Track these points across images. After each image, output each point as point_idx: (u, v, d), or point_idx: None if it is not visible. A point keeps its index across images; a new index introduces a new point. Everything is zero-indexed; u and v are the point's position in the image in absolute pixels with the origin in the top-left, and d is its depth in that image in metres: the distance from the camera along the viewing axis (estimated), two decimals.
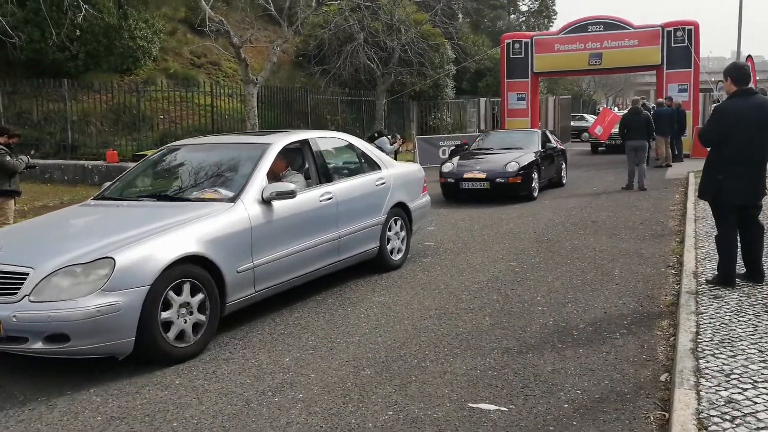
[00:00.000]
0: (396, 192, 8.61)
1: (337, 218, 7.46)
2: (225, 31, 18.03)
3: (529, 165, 14.47)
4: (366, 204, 8.04)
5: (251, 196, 6.49)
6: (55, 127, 18.46)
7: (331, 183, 7.63)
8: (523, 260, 8.83)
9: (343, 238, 7.54)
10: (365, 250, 8.03)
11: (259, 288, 6.38)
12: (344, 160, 8.60)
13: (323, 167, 7.71)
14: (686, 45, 23.17)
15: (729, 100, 6.76)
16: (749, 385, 4.35)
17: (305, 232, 6.99)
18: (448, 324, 6.28)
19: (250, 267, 6.20)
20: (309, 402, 4.65)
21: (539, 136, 16.44)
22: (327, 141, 8.25)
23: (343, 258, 7.63)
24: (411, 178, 9.24)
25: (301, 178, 7.49)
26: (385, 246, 8.39)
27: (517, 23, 53.87)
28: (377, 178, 8.41)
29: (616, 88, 70.02)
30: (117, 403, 4.77)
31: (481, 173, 14.34)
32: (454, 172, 14.62)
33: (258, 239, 6.33)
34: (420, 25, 26.73)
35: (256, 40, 22.49)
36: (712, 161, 6.74)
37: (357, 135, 26.42)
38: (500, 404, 4.52)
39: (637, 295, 7.07)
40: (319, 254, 7.20)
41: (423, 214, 9.50)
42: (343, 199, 7.59)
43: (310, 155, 7.66)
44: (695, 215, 10.94)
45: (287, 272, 6.74)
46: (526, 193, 14.33)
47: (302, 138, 7.78)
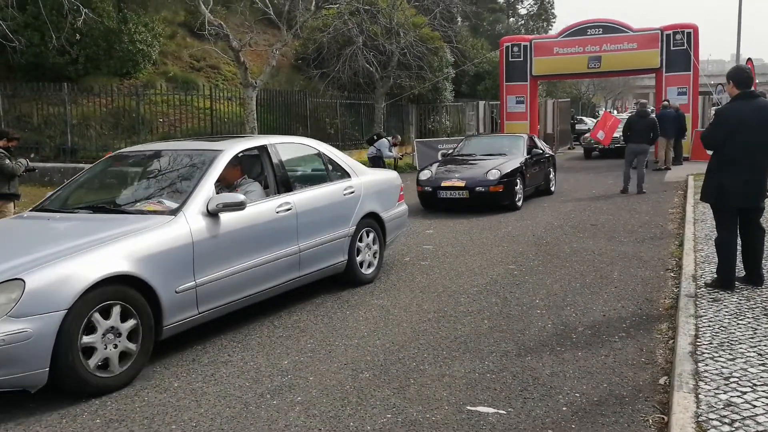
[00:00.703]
0: (367, 201, 8.09)
1: (297, 230, 6.94)
2: (224, 34, 18.04)
3: (512, 173, 13.67)
4: (332, 215, 7.51)
5: (195, 208, 5.94)
6: (55, 131, 18.46)
7: (291, 192, 7.07)
8: (521, 263, 8.83)
9: (305, 252, 7.00)
10: (331, 264, 7.51)
11: (204, 308, 5.83)
12: (308, 168, 8.09)
13: (283, 175, 7.14)
14: (685, 48, 23.19)
15: (731, 103, 6.78)
16: (748, 388, 4.34)
17: (259, 246, 6.45)
18: (447, 327, 6.28)
19: (191, 286, 5.66)
20: (307, 405, 4.65)
21: (525, 142, 15.50)
22: (289, 147, 7.66)
23: (304, 273, 7.08)
24: (385, 186, 8.72)
25: (258, 187, 7.02)
26: (355, 259, 7.85)
27: (516, 26, 53.91)
28: (346, 186, 7.87)
29: (616, 92, 70.10)
30: (115, 405, 4.76)
31: (460, 181, 13.44)
32: (432, 180, 13.76)
33: (201, 255, 5.79)
34: (419, 28, 26.74)
35: (255, 44, 22.52)
36: (714, 164, 6.75)
37: (356, 138, 26.78)
38: (498, 407, 4.52)
39: (636, 298, 7.07)
40: (276, 270, 6.65)
41: (399, 224, 8.96)
42: (304, 209, 7.07)
43: (268, 162, 7.12)
44: (694, 218, 10.94)
45: (238, 291, 6.19)
46: (509, 203, 13.54)
47: (260, 144, 7.26)
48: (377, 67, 24.98)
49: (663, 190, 16.08)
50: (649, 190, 15.61)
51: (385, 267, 8.88)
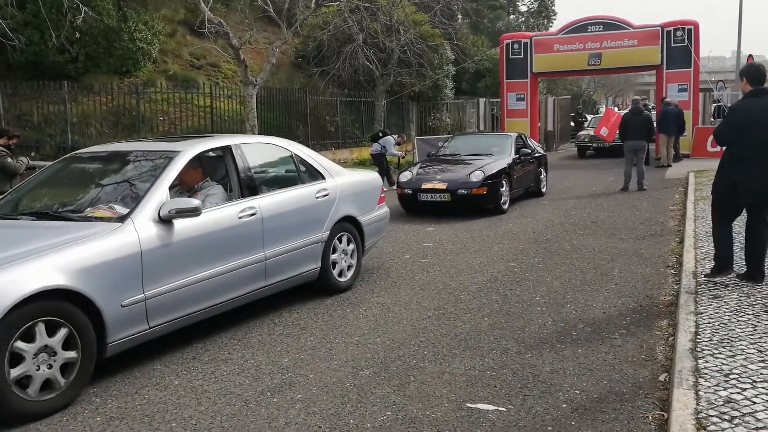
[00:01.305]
0: (343, 204, 7.65)
1: (263, 237, 6.50)
2: (224, 32, 18.04)
3: (496, 174, 12.96)
4: (302, 219, 7.07)
5: (146, 214, 5.50)
6: (56, 129, 18.44)
7: (256, 196, 6.61)
8: (522, 260, 8.83)
9: (272, 259, 6.57)
10: (302, 272, 7.07)
11: (156, 323, 5.43)
12: (278, 170, 7.55)
13: (248, 178, 6.68)
14: (686, 45, 23.15)
15: (743, 99, 6.83)
16: (748, 385, 4.34)
17: (218, 254, 6.01)
18: (447, 324, 6.29)
19: (139, 299, 5.24)
20: (308, 402, 4.66)
21: (512, 141, 14.76)
22: (256, 148, 7.21)
23: (272, 283, 6.66)
24: (363, 188, 8.24)
25: (220, 190, 6.57)
26: (329, 266, 7.42)
27: (517, 24, 53.90)
28: (319, 189, 7.42)
29: (616, 89, 70.03)
30: (116, 403, 4.77)
31: (441, 184, 12.73)
32: (412, 182, 13.05)
33: (151, 265, 5.36)
34: (419, 25, 26.73)
35: (255, 42, 22.47)
36: (726, 160, 6.80)
37: (356, 136, 26.77)
38: (498, 404, 4.52)
39: (637, 295, 7.07)
40: (239, 280, 6.22)
41: (378, 228, 8.49)
42: (270, 214, 6.62)
43: (232, 164, 6.65)
44: (695, 215, 10.94)
45: (195, 303, 5.77)
46: (493, 206, 12.85)
47: (223, 144, 6.79)
48: (377, 64, 24.98)
49: (663, 187, 16.08)
50: (649, 187, 15.61)
51: (385, 264, 8.89)
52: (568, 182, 17.81)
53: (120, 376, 5.28)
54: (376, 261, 9.09)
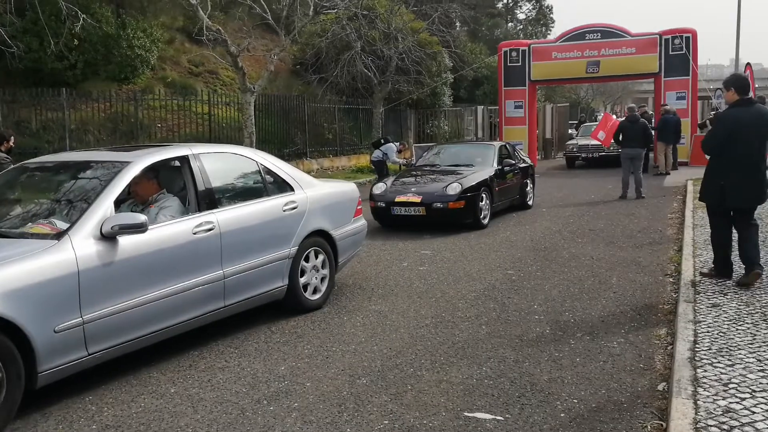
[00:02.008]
0: (313, 218, 7.21)
1: (222, 254, 6.07)
2: (222, 39, 18.05)
3: (476, 186, 12.20)
4: (267, 234, 6.62)
5: (86, 230, 5.08)
6: (54, 136, 18.40)
7: (215, 210, 6.17)
8: (520, 268, 8.81)
9: (231, 278, 6.14)
10: (267, 290, 6.64)
11: (97, 349, 5.02)
12: (241, 181, 7.01)
13: (206, 190, 6.22)
14: (684, 53, 23.19)
15: (730, 109, 7.13)
16: (747, 395, 4.33)
17: (170, 273, 5.59)
18: (445, 333, 6.26)
19: (76, 324, 4.82)
20: (304, 411, 4.63)
21: (496, 151, 13.93)
22: (217, 158, 6.73)
23: (232, 303, 6.23)
24: (337, 200, 7.80)
25: (176, 203, 6.18)
26: (298, 284, 6.96)
27: (515, 31, 53.94)
28: (287, 201, 6.98)
29: (615, 96, 70.06)
30: (112, 411, 4.75)
31: (416, 197, 11.93)
32: (386, 195, 12.24)
33: (90, 286, 4.94)
34: (417, 33, 26.75)
35: (253, 49, 22.45)
36: (713, 167, 7.10)
37: (354, 143, 26.78)
38: (496, 413, 4.50)
39: (635, 303, 7.06)
40: (193, 301, 5.79)
41: (354, 242, 8.05)
42: (230, 229, 6.19)
43: (189, 175, 6.22)
44: (693, 223, 10.93)
45: (141, 326, 5.35)
46: (472, 221, 12.13)
47: (180, 154, 6.32)
48: (375, 72, 24.98)
49: (662, 195, 16.08)
50: (648, 195, 15.61)
51: (383, 272, 8.86)
52: (567, 190, 17.81)
53: (116, 383, 5.25)
54: (374, 269, 9.07)
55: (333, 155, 25.55)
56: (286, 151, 22.93)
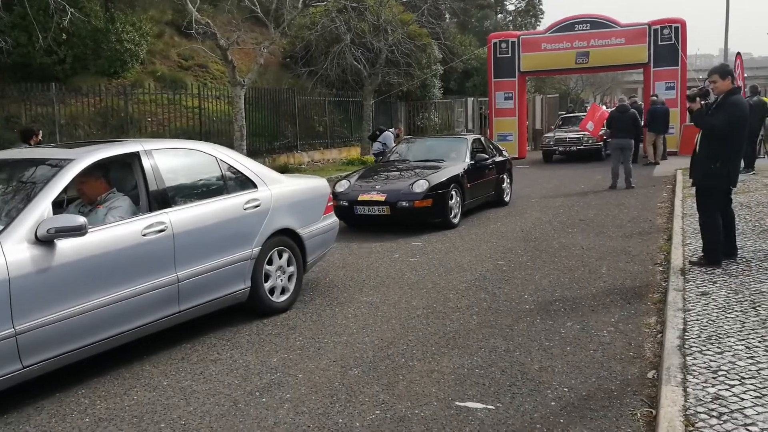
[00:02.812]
0: (278, 216, 6.85)
1: (175, 256, 5.71)
2: (212, 33, 17.99)
3: (445, 183, 11.45)
4: (226, 234, 6.25)
5: (19, 234, 4.73)
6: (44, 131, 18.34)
7: (168, 209, 5.81)
8: (510, 259, 8.84)
9: (186, 282, 5.78)
10: (227, 293, 6.29)
11: (33, 361, 4.69)
12: (197, 178, 6.56)
13: (159, 189, 5.86)
14: (673, 43, 23.26)
15: (737, 96, 7.30)
16: (736, 382, 4.36)
17: (116, 278, 5.24)
18: (436, 323, 6.29)
19: (8, 335, 4.50)
20: (296, 402, 4.65)
21: (468, 146, 13.11)
22: (172, 154, 6.32)
23: (188, 308, 5.88)
24: (304, 197, 7.40)
25: (126, 203, 5.81)
26: (262, 286, 6.62)
27: (504, 23, 53.92)
28: (249, 199, 6.60)
29: (604, 87, 70.11)
30: (105, 404, 4.75)
31: (380, 195, 11.18)
32: (348, 193, 11.50)
33: (24, 294, 4.60)
34: (407, 25, 26.73)
35: (243, 42, 22.38)
36: (724, 153, 7.24)
37: (345, 136, 26.76)
38: (487, 402, 4.52)
39: (625, 292, 7.09)
40: (144, 306, 5.45)
41: (325, 240, 7.68)
42: (184, 229, 5.82)
43: (140, 173, 5.84)
44: (683, 212, 10.99)
45: (86, 335, 5.01)
46: (441, 220, 11.44)
47: (129, 150, 5.91)
48: (365, 64, 24.95)
49: (651, 184, 16.14)
50: (637, 185, 15.67)
51: (374, 263, 8.88)
52: (557, 180, 17.85)
53: (108, 377, 5.26)
54: (365, 261, 9.09)
55: (324, 148, 25.54)
56: (276, 144, 22.92)
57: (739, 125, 7.20)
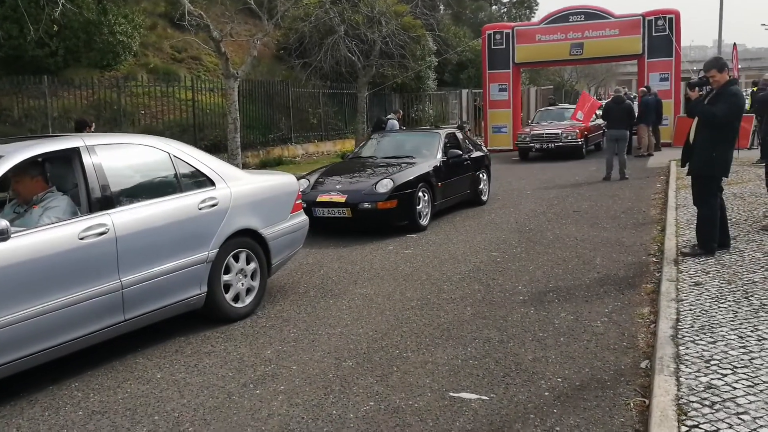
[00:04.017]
0: (239, 215, 6.37)
1: (118, 261, 5.28)
2: (205, 25, 17.92)
3: (412, 182, 10.53)
4: (178, 236, 5.79)
5: None
6: (36, 124, 18.27)
7: (110, 210, 5.36)
8: (504, 250, 8.85)
9: (132, 288, 5.35)
10: (180, 300, 5.83)
11: None
12: (146, 176, 6.07)
13: (100, 188, 5.38)
14: (667, 34, 23.24)
15: (735, 86, 7.43)
16: (729, 371, 4.38)
17: (48, 286, 4.82)
18: (430, 314, 6.29)
19: None
20: (290, 394, 4.65)
21: (440, 141, 12.18)
22: (118, 149, 5.86)
23: (134, 316, 5.44)
24: (269, 194, 6.92)
25: (65, 203, 5.39)
26: (219, 291, 6.17)
27: (499, 14, 53.86)
28: (204, 198, 6.12)
29: (598, 78, 70.23)
30: (98, 397, 4.75)
31: (340, 196, 10.20)
32: (307, 194, 10.31)
33: None
34: (401, 17, 26.65)
35: (236, 34, 22.38)
36: (727, 140, 7.39)
37: (339, 128, 26.72)
38: (481, 393, 4.53)
39: (618, 283, 7.10)
40: (82, 316, 5.02)
41: (292, 241, 7.16)
42: (129, 232, 5.38)
43: (80, 171, 5.37)
44: (677, 203, 11.01)
45: (13, 349, 4.62)
46: (408, 222, 10.49)
47: (68, 146, 5.42)
48: (359, 56, 24.89)
49: (645, 176, 16.16)
50: (631, 176, 15.70)
51: (369, 255, 8.88)
52: (552, 172, 17.85)
53: (102, 369, 5.26)
54: (359, 253, 9.09)
55: (318, 140, 25.50)
56: (270, 136, 22.88)
57: (737, 115, 7.35)
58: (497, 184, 15.47)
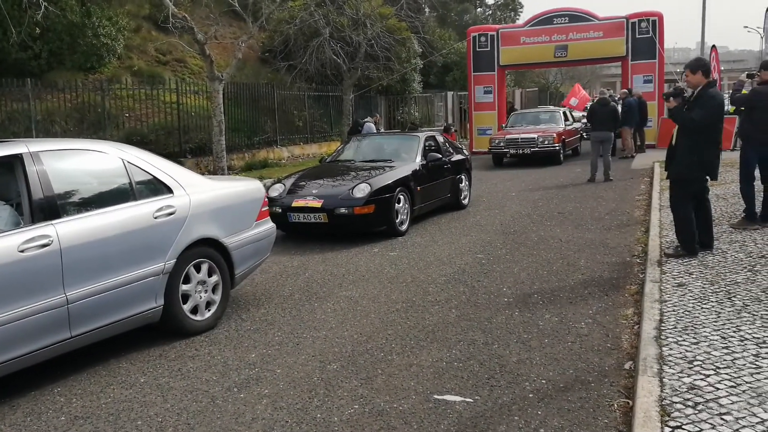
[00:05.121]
0: (198, 224, 6.06)
1: (63, 274, 4.97)
2: (189, 27, 17.87)
3: (390, 186, 10.30)
4: (131, 246, 5.48)
5: None
6: (20, 127, 18.14)
7: (54, 220, 5.05)
8: (489, 252, 8.86)
9: (78, 303, 5.05)
10: (134, 314, 5.54)
11: None
12: (96, 184, 5.71)
13: (44, 197, 5.07)
14: (651, 36, 23.36)
15: (713, 89, 7.47)
16: (711, 371, 4.40)
17: None
18: (415, 317, 6.29)
19: None
20: (275, 397, 4.64)
21: (419, 144, 11.93)
22: (65, 155, 5.51)
23: (81, 333, 5.14)
24: (232, 201, 6.59)
25: (7, 213, 5.15)
26: (178, 304, 5.87)
27: (484, 17, 53.91)
28: (161, 206, 5.81)
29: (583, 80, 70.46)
30: (81, 402, 4.72)
31: (316, 201, 9.96)
32: (282, 198, 10.26)
33: None
34: (386, 19, 26.67)
35: (221, 37, 22.30)
36: (699, 143, 7.38)
37: (325, 130, 26.71)
38: (466, 395, 4.53)
39: (603, 284, 7.13)
40: (23, 333, 4.74)
41: (257, 250, 6.86)
42: (75, 243, 5.07)
43: (22, 179, 5.07)
44: (660, 205, 11.06)
45: None
46: (387, 227, 10.27)
47: (10, 153, 5.11)
48: (344, 58, 24.89)
49: (629, 177, 16.24)
50: (615, 178, 15.77)
51: (354, 258, 8.87)
52: (536, 174, 17.90)
53: (85, 374, 5.23)
54: (344, 255, 9.09)
55: (303, 143, 25.46)
56: (256, 139, 22.84)
57: (717, 117, 7.38)
58: (482, 185, 15.52)
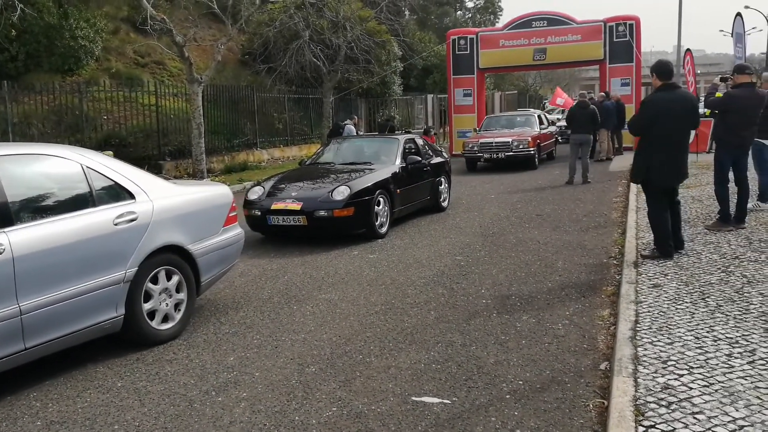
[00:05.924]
0: (162, 230, 5.89)
1: (15, 283, 4.76)
2: (168, 29, 17.82)
3: (370, 189, 10.29)
4: (89, 254, 5.28)
5: None
6: None
7: (7, 228, 4.84)
8: (468, 254, 8.90)
9: (33, 314, 4.84)
10: (93, 324, 5.34)
11: None
12: (53, 190, 5.47)
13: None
14: (628, 40, 23.56)
15: (655, 93, 7.59)
16: (685, 371, 4.45)
17: None
18: (394, 319, 6.31)
19: None
20: (253, 401, 4.64)
21: (399, 147, 11.95)
22: (20, 161, 5.29)
23: (36, 344, 4.93)
24: (198, 207, 6.44)
25: None
26: (140, 313, 5.69)
27: (464, 20, 54.16)
28: (122, 212, 5.62)
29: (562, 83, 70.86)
30: (57, 407, 4.69)
31: (295, 203, 9.93)
32: (261, 201, 10.28)
33: None
34: (365, 22, 26.72)
35: (200, 39, 22.26)
36: (641, 148, 7.61)
37: (305, 133, 26.69)
38: (443, 397, 4.56)
39: (580, 286, 7.18)
40: None
41: (225, 256, 6.73)
42: (28, 251, 4.86)
43: None
44: (637, 206, 11.15)
45: None
46: (366, 230, 10.30)
47: None
48: (324, 61, 24.91)
49: (607, 179, 16.37)
50: (593, 180, 15.89)
51: (333, 260, 8.88)
52: (515, 177, 17.99)
53: (61, 378, 5.19)
54: (324, 258, 9.09)
55: (284, 145, 25.45)
56: (235, 141, 22.80)
57: (646, 123, 7.47)
58: (462, 188, 15.57)
